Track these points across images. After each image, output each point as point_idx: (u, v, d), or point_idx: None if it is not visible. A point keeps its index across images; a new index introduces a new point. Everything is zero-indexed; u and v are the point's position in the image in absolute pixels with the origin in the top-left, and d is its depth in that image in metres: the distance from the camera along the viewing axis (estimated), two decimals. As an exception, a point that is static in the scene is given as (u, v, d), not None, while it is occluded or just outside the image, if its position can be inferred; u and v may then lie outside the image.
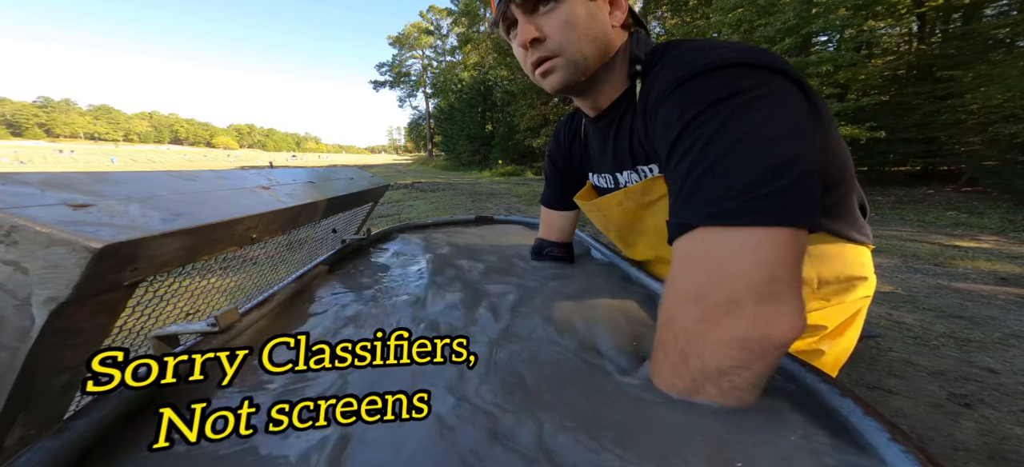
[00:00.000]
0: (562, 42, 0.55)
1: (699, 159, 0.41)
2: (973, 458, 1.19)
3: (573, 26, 0.54)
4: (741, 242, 0.37)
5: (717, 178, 0.39)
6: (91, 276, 0.30)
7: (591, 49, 0.56)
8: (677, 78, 0.46)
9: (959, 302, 2.37)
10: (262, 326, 0.58)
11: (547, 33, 0.55)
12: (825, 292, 0.63)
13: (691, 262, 0.41)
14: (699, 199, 0.40)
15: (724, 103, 0.41)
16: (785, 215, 0.36)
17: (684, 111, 0.44)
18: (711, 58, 0.44)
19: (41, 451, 0.30)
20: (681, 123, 0.44)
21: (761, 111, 0.40)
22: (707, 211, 0.39)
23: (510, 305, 0.65)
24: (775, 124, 0.39)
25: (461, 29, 29.38)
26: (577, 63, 0.56)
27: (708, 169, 0.40)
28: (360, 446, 0.34)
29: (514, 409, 0.38)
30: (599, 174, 0.75)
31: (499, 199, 7.56)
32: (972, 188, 6.72)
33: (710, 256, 0.39)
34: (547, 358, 0.48)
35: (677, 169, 0.44)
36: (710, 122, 0.41)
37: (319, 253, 0.95)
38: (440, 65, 40.06)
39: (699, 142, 0.41)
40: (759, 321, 0.35)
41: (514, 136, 17.45)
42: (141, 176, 0.47)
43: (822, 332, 0.64)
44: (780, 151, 0.38)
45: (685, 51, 0.49)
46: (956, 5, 7.27)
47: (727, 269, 0.37)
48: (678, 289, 0.41)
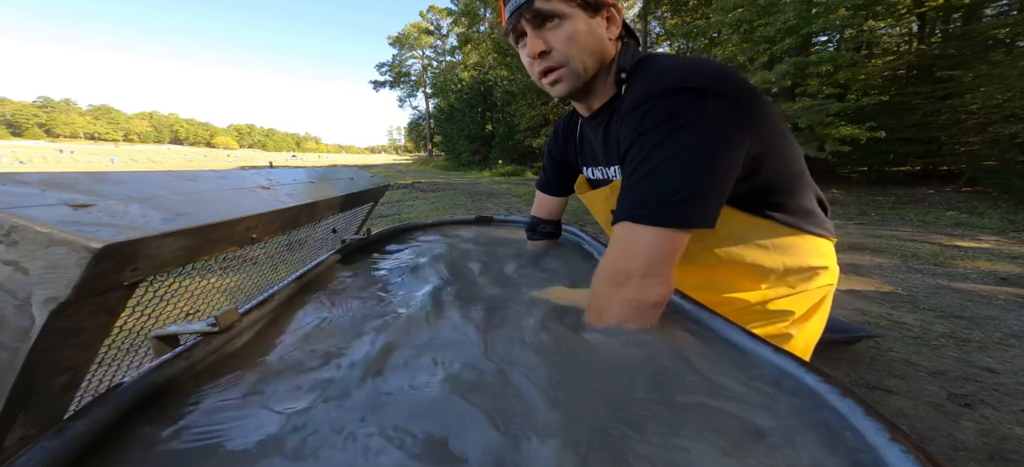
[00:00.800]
0: (566, 54, 0.63)
1: (635, 170, 0.56)
2: (973, 458, 1.19)
3: (575, 40, 0.62)
4: (640, 237, 0.53)
5: (640, 189, 0.54)
6: (91, 276, 0.30)
7: (591, 61, 0.64)
8: (636, 99, 0.57)
9: (959, 302, 2.37)
10: (262, 326, 0.58)
11: (553, 46, 0.62)
12: (790, 280, 0.71)
13: (614, 245, 0.56)
14: (628, 202, 0.56)
15: (659, 129, 0.54)
16: (670, 222, 0.52)
17: (634, 130, 0.56)
18: (663, 83, 0.55)
19: (41, 451, 0.30)
20: (631, 138, 0.57)
21: (681, 139, 0.52)
22: (630, 212, 0.55)
23: (510, 305, 0.65)
24: (689, 151, 0.52)
25: (461, 29, 29.35)
26: (579, 73, 0.64)
27: (638, 180, 0.55)
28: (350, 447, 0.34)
29: (513, 411, 0.38)
30: (593, 167, 0.84)
31: (499, 199, 7.56)
32: (972, 188, 6.72)
33: (623, 243, 0.55)
34: (547, 359, 0.48)
35: (625, 174, 0.58)
36: (646, 144, 0.54)
37: (319, 253, 0.95)
38: (440, 65, 40.04)
39: (637, 157, 0.56)
40: (639, 289, 0.53)
41: (514, 136, 17.44)
42: (141, 176, 0.47)
43: (791, 317, 0.72)
44: (684, 174, 0.52)
45: (652, 71, 0.60)
46: (956, 5, 7.27)
47: (630, 253, 0.54)
48: (603, 266, 0.57)
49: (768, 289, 0.71)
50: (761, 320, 0.72)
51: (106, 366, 0.60)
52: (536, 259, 0.93)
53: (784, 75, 6.95)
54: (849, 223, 4.96)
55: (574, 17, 0.61)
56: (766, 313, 0.71)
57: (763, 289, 0.71)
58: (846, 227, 4.69)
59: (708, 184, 0.52)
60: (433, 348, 0.51)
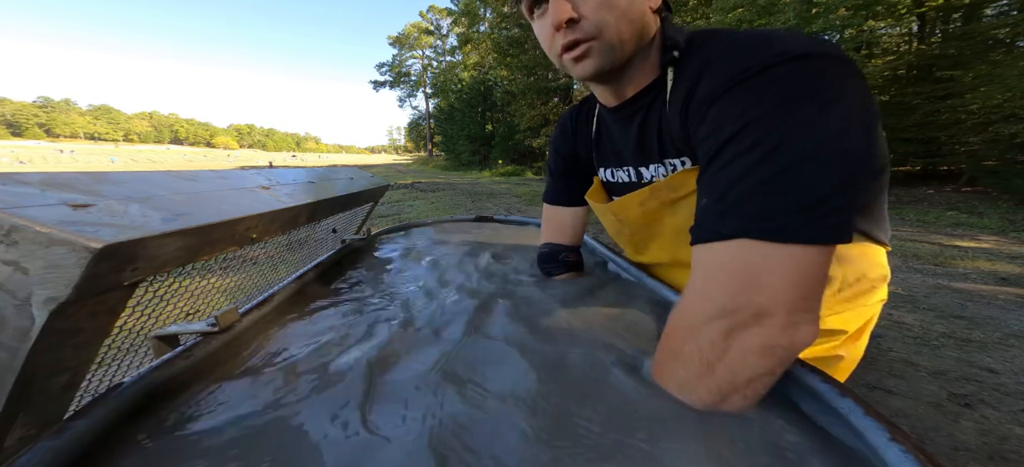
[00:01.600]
0: (600, 23, 0.50)
1: (757, 165, 0.38)
2: (973, 458, 1.19)
3: (613, 5, 0.50)
4: (780, 257, 0.37)
5: (774, 191, 0.37)
6: (91, 276, 0.30)
7: (629, 32, 0.52)
8: (739, 71, 0.42)
9: (959, 302, 2.37)
10: (262, 326, 0.58)
11: (583, 13, 0.50)
12: (846, 295, 0.60)
13: (723, 273, 0.39)
14: (748, 211, 0.38)
15: (795, 106, 0.38)
16: (831, 234, 0.37)
17: (749, 108, 0.40)
18: (778, 49, 0.40)
19: (41, 451, 0.30)
20: (743, 120, 0.40)
21: (834, 122, 0.37)
22: (755, 226, 0.38)
23: (510, 306, 0.65)
24: (846, 137, 0.37)
25: (461, 29, 29.37)
26: (614, 47, 0.52)
27: (766, 180, 0.38)
28: (350, 448, 0.34)
29: (514, 414, 0.38)
30: (617, 168, 0.70)
31: (499, 199, 7.55)
32: (972, 188, 6.72)
33: (744, 269, 0.38)
34: (547, 361, 0.48)
35: (722, 174, 0.41)
36: (777, 127, 0.38)
37: (319, 253, 0.95)
38: (440, 65, 40.05)
39: (761, 146, 0.38)
40: (788, 330, 0.37)
41: (514, 136, 17.44)
42: (141, 176, 0.47)
43: (842, 336, 0.61)
44: (844, 168, 0.37)
45: (741, 42, 0.45)
46: (956, 5, 7.26)
47: (760, 282, 0.37)
48: (705, 299, 0.40)
49: (823, 308, 0.57)
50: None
51: (106, 366, 0.60)
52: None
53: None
54: (849, 223, 4.95)
55: None
56: (819, 333, 0.60)
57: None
58: (846, 227, 4.67)
59: (862, 182, 0.39)
60: (433, 348, 0.51)
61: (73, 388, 0.37)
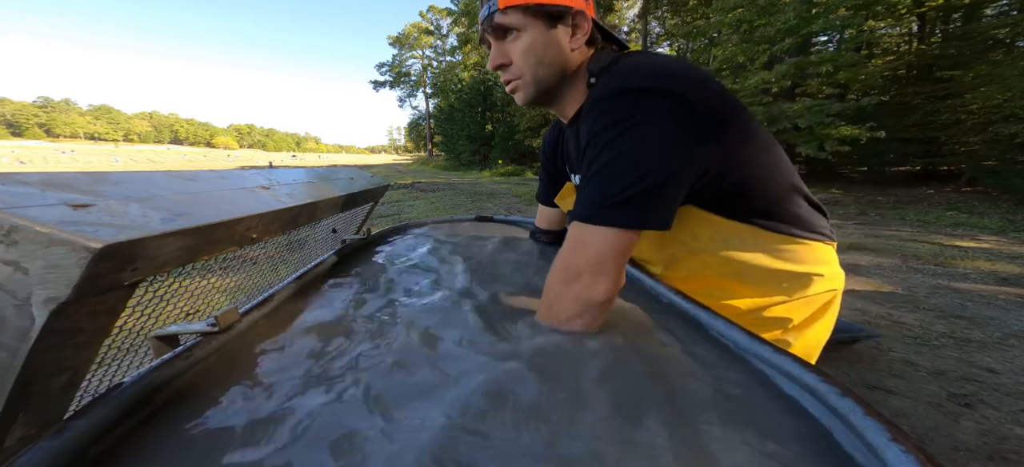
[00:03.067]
0: (522, 66, 0.64)
1: (587, 170, 0.56)
2: (973, 458, 1.19)
3: (531, 53, 0.63)
4: (588, 235, 0.54)
5: (590, 189, 0.55)
6: (91, 276, 0.30)
7: (546, 72, 0.65)
8: (593, 100, 0.59)
9: (959, 302, 2.37)
10: (262, 326, 0.58)
11: (511, 58, 0.64)
12: (784, 286, 0.68)
13: (567, 243, 0.57)
14: (580, 202, 0.56)
15: (609, 129, 0.54)
16: (616, 221, 0.53)
17: (589, 130, 0.57)
18: (618, 84, 0.56)
19: (41, 451, 0.30)
20: (586, 138, 0.58)
21: (628, 138, 0.53)
22: (580, 212, 0.56)
23: (511, 305, 0.65)
24: (634, 151, 0.52)
25: (461, 29, 29.35)
26: (535, 84, 0.66)
27: (589, 180, 0.56)
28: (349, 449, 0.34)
29: (515, 413, 0.38)
30: (574, 174, 0.83)
31: (499, 199, 7.55)
32: (972, 188, 6.72)
33: (574, 242, 0.56)
34: (547, 361, 0.48)
35: (582, 177, 0.58)
36: (598, 144, 0.55)
37: (319, 253, 0.95)
38: (440, 65, 40.04)
39: (590, 157, 0.56)
40: (588, 287, 0.53)
41: (514, 136, 17.44)
42: (141, 176, 0.47)
43: (788, 324, 0.70)
44: (630, 174, 0.52)
45: (616, 73, 0.59)
46: (956, 5, 7.27)
47: (580, 251, 0.55)
48: (556, 263, 0.58)
49: (760, 297, 0.69)
50: (755, 328, 0.67)
51: (106, 366, 0.59)
52: (538, 257, 0.93)
53: (784, 75, 6.95)
54: (849, 223, 4.96)
55: (531, 29, 0.62)
56: (761, 320, 0.69)
57: (754, 296, 0.69)
58: (846, 227, 4.69)
59: (654, 185, 0.52)
60: (433, 348, 0.51)
61: (73, 388, 0.37)
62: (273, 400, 0.41)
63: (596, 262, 0.53)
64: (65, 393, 0.36)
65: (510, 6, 0.61)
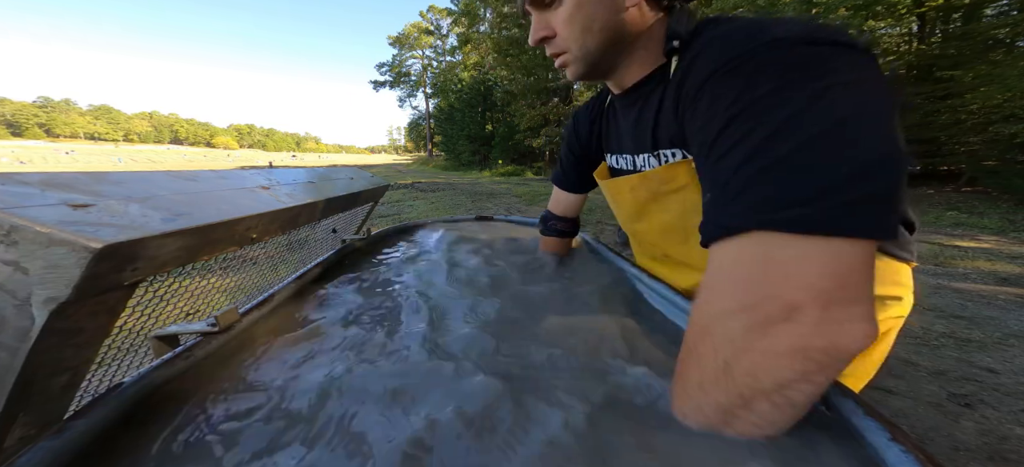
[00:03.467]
0: (567, 38, 0.55)
1: (761, 149, 0.33)
2: (973, 458, 1.19)
3: (575, 20, 0.53)
4: (809, 251, 0.31)
5: (787, 176, 0.32)
6: (91, 276, 0.30)
7: (595, 41, 0.54)
8: (735, 54, 0.38)
9: (959, 302, 2.37)
10: (262, 326, 0.58)
11: (556, 29, 0.55)
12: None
13: (739, 269, 0.34)
14: (758, 199, 0.33)
15: (802, 84, 0.33)
16: (869, 227, 0.31)
17: (743, 91, 0.36)
18: (771, 35, 0.36)
19: (41, 451, 0.31)
20: (739, 105, 0.36)
21: (850, 100, 0.32)
22: (769, 216, 0.32)
23: (510, 307, 0.65)
24: (867, 118, 0.32)
25: (461, 29, 29.37)
26: (584, 58, 0.56)
27: (775, 163, 0.33)
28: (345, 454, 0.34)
29: (513, 413, 0.38)
30: (619, 154, 0.71)
31: (499, 199, 7.55)
32: (972, 188, 6.72)
33: (764, 264, 0.32)
34: (548, 360, 0.48)
35: (726, 158, 0.36)
36: (781, 107, 0.33)
37: (319, 253, 0.95)
38: (440, 65, 40.06)
39: (762, 129, 0.34)
40: (824, 327, 0.30)
41: (514, 136, 17.44)
42: (141, 176, 0.47)
43: None
44: (868, 151, 0.31)
45: (740, 25, 0.42)
46: (956, 5, 7.26)
47: (787, 276, 0.31)
48: (720, 295, 0.35)
49: None
50: None
51: (106, 366, 0.60)
52: (538, 257, 0.93)
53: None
54: (849, 223, 4.95)
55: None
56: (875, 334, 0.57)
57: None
58: (846, 227, 4.68)
59: (896, 172, 0.32)
60: (433, 348, 0.51)
61: (73, 388, 0.37)
62: (273, 400, 0.41)
63: (837, 286, 0.30)
64: (65, 393, 0.36)
65: None
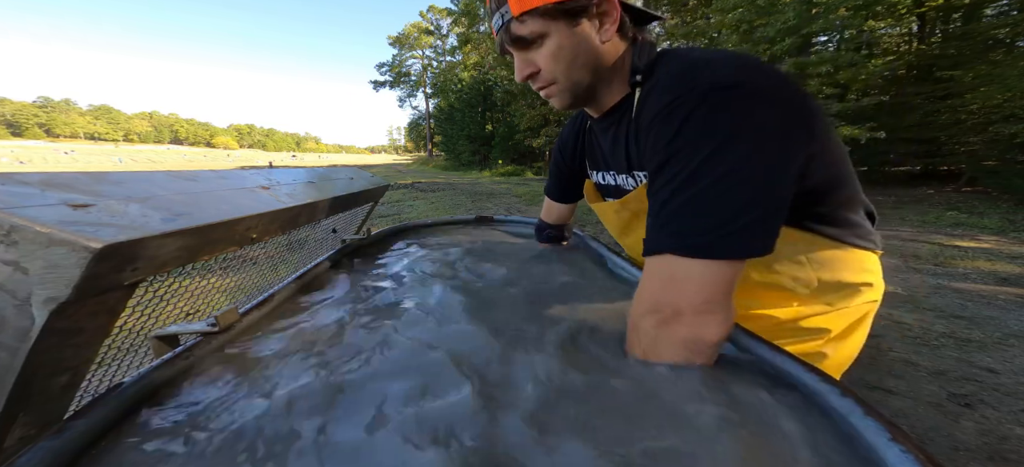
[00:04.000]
0: (554, 72, 0.59)
1: (677, 191, 0.46)
2: (973, 458, 1.19)
3: (560, 57, 0.58)
4: (691, 270, 0.45)
5: (689, 215, 0.45)
6: (91, 276, 0.30)
7: (581, 74, 0.60)
8: (667, 103, 0.49)
9: (959, 302, 2.37)
10: (262, 326, 0.58)
11: (539, 65, 0.59)
12: (827, 297, 0.64)
13: (655, 279, 0.48)
14: (672, 230, 0.46)
15: (703, 140, 0.45)
16: (732, 251, 0.44)
17: (668, 141, 0.48)
18: (700, 82, 0.47)
19: (41, 451, 0.31)
20: (668, 151, 0.48)
21: (735, 153, 0.44)
22: (676, 243, 0.46)
23: (510, 306, 0.65)
24: (745, 168, 0.44)
25: (461, 29, 29.35)
26: (572, 89, 0.61)
27: (684, 204, 0.46)
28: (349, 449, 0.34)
29: (515, 411, 0.38)
30: (604, 171, 0.78)
31: (499, 199, 7.55)
32: (972, 188, 6.72)
33: (668, 277, 0.47)
34: (548, 360, 0.48)
35: (658, 194, 0.49)
36: (689, 159, 0.46)
37: (319, 253, 0.95)
38: (440, 65, 40.04)
39: (680, 175, 0.46)
40: (695, 327, 0.45)
41: (514, 136, 17.44)
42: (141, 176, 0.47)
43: (826, 336, 0.66)
44: (742, 196, 0.43)
45: (677, 68, 0.52)
46: (956, 5, 7.26)
47: (678, 289, 0.45)
48: (642, 300, 0.49)
49: (801, 306, 0.65)
50: (792, 338, 0.66)
51: (106, 366, 0.60)
52: (537, 258, 0.93)
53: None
54: (849, 223, 4.95)
55: (554, 33, 0.56)
56: (798, 331, 0.65)
57: (795, 306, 0.65)
58: (846, 227, 4.68)
59: (771, 205, 0.45)
60: (433, 349, 0.51)
61: (73, 388, 0.37)
62: (273, 400, 0.41)
63: (704, 300, 0.44)
64: (65, 393, 0.36)
65: (526, 12, 0.55)
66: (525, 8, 0.55)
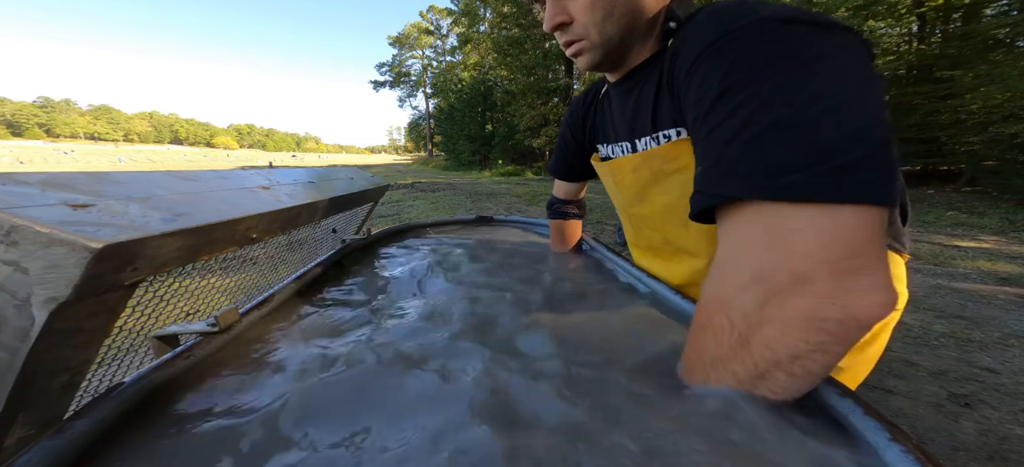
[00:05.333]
0: (587, 24, 0.53)
1: (753, 117, 0.34)
2: (973, 458, 1.19)
3: (597, 6, 0.51)
4: (810, 220, 0.31)
5: (778, 143, 0.32)
6: (91, 276, 0.30)
7: (616, 28, 0.53)
8: (725, 30, 0.38)
9: (959, 302, 2.37)
10: (262, 326, 0.58)
11: (573, 15, 0.53)
12: None
13: (746, 243, 0.35)
14: (752, 167, 0.33)
15: (787, 59, 0.34)
16: (866, 191, 0.31)
17: (735, 64, 0.36)
18: (766, 12, 0.37)
19: (41, 451, 0.31)
20: (731, 78, 0.37)
21: (835, 73, 0.33)
22: (763, 183, 0.33)
23: (511, 306, 0.65)
24: (853, 88, 0.33)
25: (461, 29, 29.37)
26: (604, 45, 0.54)
27: (765, 131, 0.33)
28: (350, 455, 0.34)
29: (515, 412, 0.38)
30: (613, 144, 0.71)
31: (499, 199, 7.55)
32: (972, 188, 6.72)
33: (769, 234, 0.33)
34: (548, 359, 0.48)
35: (720, 129, 0.36)
36: (770, 79, 0.34)
37: (319, 253, 0.95)
38: (440, 65, 40.06)
39: (754, 99, 0.34)
40: (838, 296, 0.30)
41: (514, 136, 17.44)
42: (141, 176, 0.47)
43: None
44: (860, 116, 0.32)
45: (729, 5, 0.42)
46: (956, 5, 7.26)
47: (793, 247, 0.32)
48: (731, 270, 0.36)
49: None
50: None
51: (106, 366, 0.60)
52: (538, 258, 0.93)
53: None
54: (849, 223, 4.95)
55: None
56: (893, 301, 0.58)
57: None
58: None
59: (885, 136, 0.32)
60: (433, 349, 0.51)
61: (73, 388, 0.37)
62: (273, 400, 0.41)
63: (846, 255, 0.31)
64: (65, 393, 0.36)
65: None
66: None
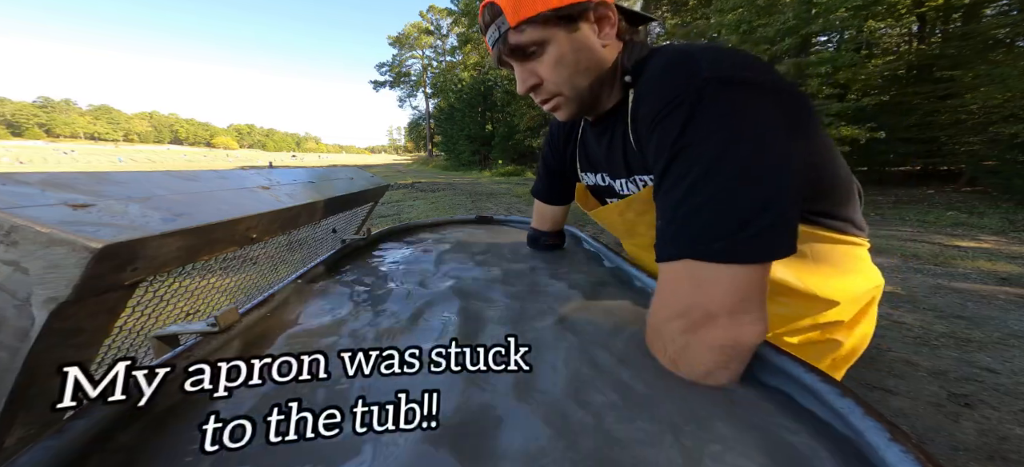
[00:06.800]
0: (557, 81, 0.58)
1: (688, 194, 0.44)
2: (973, 458, 1.19)
3: (562, 65, 0.57)
4: (719, 274, 0.42)
5: (703, 219, 0.43)
6: (91, 276, 0.30)
7: (585, 80, 0.58)
8: (667, 100, 0.47)
9: (959, 302, 2.37)
10: (262, 326, 0.58)
11: (542, 76, 0.58)
12: (832, 287, 0.64)
13: (676, 285, 0.46)
14: (687, 236, 0.44)
15: (711, 137, 0.44)
16: (760, 254, 0.42)
17: (673, 141, 0.46)
18: (696, 76, 0.45)
19: (41, 451, 0.31)
20: (673, 149, 0.46)
21: (745, 147, 0.43)
22: (694, 249, 0.44)
23: (511, 305, 0.65)
24: (773, 156, 0.43)
25: (461, 29, 29.37)
26: (577, 98, 0.60)
27: (696, 208, 0.44)
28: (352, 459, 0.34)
29: (515, 412, 0.38)
30: (594, 173, 0.77)
31: (499, 199, 7.56)
32: (972, 188, 6.72)
33: (694, 281, 0.44)
34: (547, 360, 0.48)
35: (669, 194, 0.47)
36: (698, 157, 0.44)
37: (319, 253, 0.95)
38: (440, 65, 40.04)
39: (688, 177, 0.45)
40: (731, 329, 0.42)
41: (514, 136, 17.45)
42: (141, 176, 0.47)
43: (839, 326, 0.66)
44: (773, 184, 0.42)
45: (669, 64, 0.50)
46: (956, 5, 7.26)
47: (707, 293, 0.43)
48: (665, 305, 0.47)
49: (810, 301, 0.64)
50: (805, 333, 0.66)
51: (106, 366, 0.60)
52: (538, 258, 0.93)
53: (784, 75, 6.94)
54: (849, 223, 4.95)
55: (554, 40, 0.55)
56: (814, 325, 0.66)
57: (806, 300, 0.64)
58: (846, 227, 4.68)
59: (791, 199, 0.43)
60: (433, 348, 0.51)
61: (73, 388, 0.37)
62: (273, 400, 0.41)
63: (739, 300, 0.42)
64: (65, 393, 0.36)
65: (523, 21, 0.53)
66: (522, 17, 0.53)
